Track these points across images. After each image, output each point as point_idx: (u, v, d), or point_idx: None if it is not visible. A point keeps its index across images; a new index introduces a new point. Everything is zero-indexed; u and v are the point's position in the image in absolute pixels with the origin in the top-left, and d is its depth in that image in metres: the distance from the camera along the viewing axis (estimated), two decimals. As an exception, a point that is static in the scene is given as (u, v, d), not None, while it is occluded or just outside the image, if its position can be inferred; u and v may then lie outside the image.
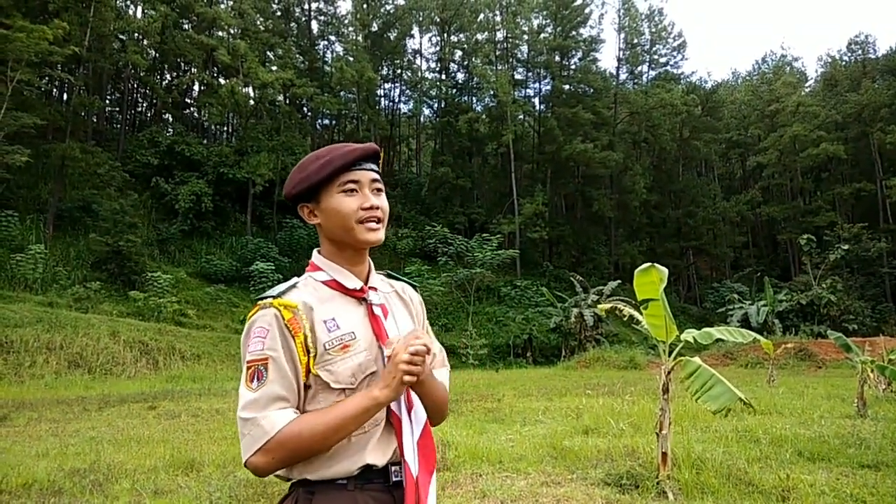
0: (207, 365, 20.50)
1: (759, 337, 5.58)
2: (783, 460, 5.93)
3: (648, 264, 4.88)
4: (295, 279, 1.45)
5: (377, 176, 1.47)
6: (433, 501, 1.37)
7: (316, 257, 1.51)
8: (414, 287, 1.66)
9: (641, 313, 5.34)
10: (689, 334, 5.30)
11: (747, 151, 57.74)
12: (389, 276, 1.63)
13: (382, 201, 1.45)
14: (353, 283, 1.45)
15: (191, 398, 12.97)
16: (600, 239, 48.59)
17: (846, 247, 34.42)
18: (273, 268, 31.62)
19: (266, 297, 1.36)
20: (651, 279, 4.83)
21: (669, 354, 5.29)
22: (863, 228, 39.65)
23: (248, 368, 1.31)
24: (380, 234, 1.44)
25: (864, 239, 39.26)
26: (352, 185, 1.42)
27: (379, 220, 1.44)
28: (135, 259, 27.15)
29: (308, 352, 1.33)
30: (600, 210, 45.03)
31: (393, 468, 1.38)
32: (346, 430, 1.30)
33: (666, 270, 4.80)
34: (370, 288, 1.48)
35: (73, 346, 17.63)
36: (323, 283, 1.44)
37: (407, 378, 1.30)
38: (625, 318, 6.41)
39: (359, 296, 1.45)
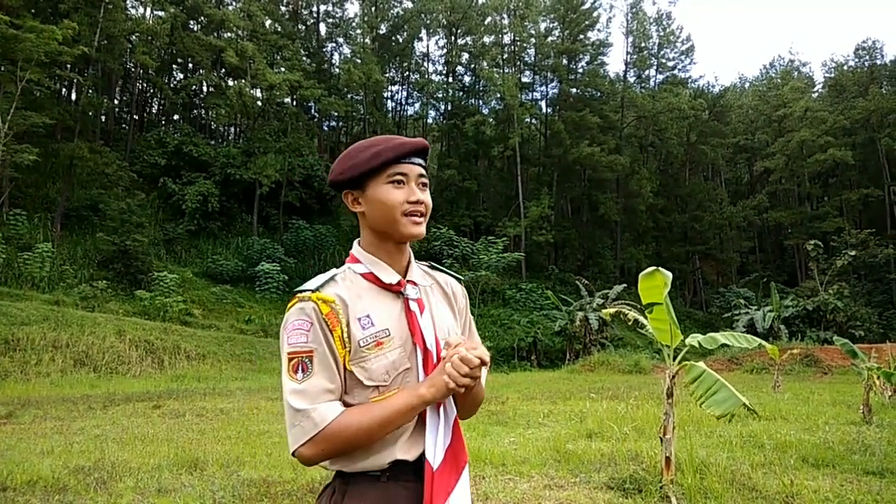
0: (212, 365, 20.54)
1: (764, 343, 5.57)
2: (787, 466, 5.91)
3: (653, 268, 4.87)
4: (333, 271, 1.46)
5: (424, 171, 1.48)
6: (464, 498, 1.37)
7: (356, 249, 1.51)
8: (459, 280, 1.66)
9: (646, 317, 5.33)
10: (694, 339, 5.29)
11: (754, 156, 57.57)
12: (433, 268, 1.63)
13: (427, 197, 1.47)
14: (390, 277, 1.45)
15: (195, 398, 13.00)
16: (606, 243, 48.48)
17: (853, 253, 34.22)
18: (279, 268, 31.71)
19: (305, 290, 1.38)
20: (656, 283, 4.83)
21: (674, 359, 5.28)
22: (870, 234, 39.45)
23: (291, 360, 1.33)
24: (422, 229, 1.45)
25: (872, 245, 39.05)
26: (400, 178, 1.43)
27: (422, 215, 1.45)
28: (141, 258, 27.27)
29: (344, 346, 1.34)
30: (606, 214, 44.95)
31: (426, 460, 1.39)
32: (392, 425, 1.32)
33: (670, 274, 4.79)
34: (409, 282, 1.48)
35: (79, 345, 17.69)
36: (361, 275, 1.45)
37: (452, 386, 1.31)
38: (629, 323, 6.41)
39: (396, 290, 1.45)
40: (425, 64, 53.26)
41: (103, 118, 37.61)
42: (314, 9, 48.84)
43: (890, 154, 45.05)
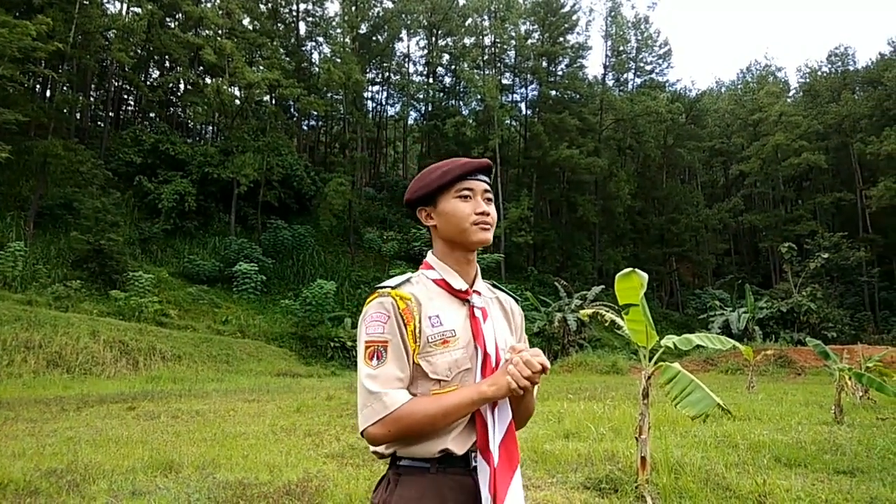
0: (188, 366, 20.31)
1: (738, 344, 5.64)
2: (760, 466, 6.00)
3: (629, 269, 4.91)
4: (409, 274, 1.61)
5: (488, 187, 1.64)
6: (519, 495, 1.45)
7: (430, 257, 1.67)
8: (516, 300, 1.79)
9: (623, 318, 5.38)
10: (670, 340, 5.34)
11: (730, 160, 58.37)
12: (495, 287, 1.77)
13: (492, 209, 1.62)
14: (459, 284, 1.60)
15: (171, 399, 12.86)
16: (584, 244, 48.79)
17: (826, 255, 34.80)
18: (256, 268, 31.41)
19: (384, 287, 1.54)
20: (632, 284, 4.87)
21: (650, 360, 5.33)
22: (843, 237, 40.16)
23: (368, 348, 1.48)
24: (490, 235, 1.60)
25: (844, 248, 39.75)
26: (467, 192, 1.59)
27: (489, 225, 1.60)
28: (116, 258, 26.85)
29: (415, 341, 1.48)
30: (585, 215, 45.23)
31: (472, 454, 1.51)
32: (453, 416, 1.45)
33: (646, 275, 4.83)
34: (474, 291, 1.62)
35: (52, 346, 17.39)
36: (433, 281, 1.60)
37: (514, 386, 1.42)
38: (607, 324, 6.46)
39: (463, 297, 1.59)
40: (406, 64, 53.25)
41: (78, 115, 37.01)
42: (293, 7, 48.51)
43: (862, 158, 45.90)
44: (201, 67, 41.26)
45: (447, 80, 52.91)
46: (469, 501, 1.47)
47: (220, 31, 39.28)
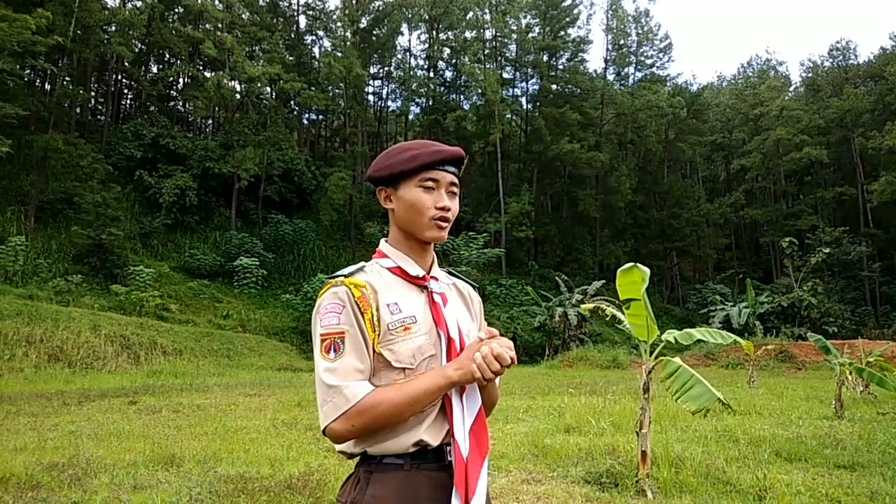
0: (189, 360, 20.34)
1: (739, 339, 5.64)
2: (761, 460, 6.01)
3: (631, 264, 4.90)
4: (362, 263, 1.53)
5: (456, 180, 1.55)
6: (484, 485, 1.42)
7: (383, 245, 1.59)
8: (474, 287, 1.75)
9: (624, 313, 5.37)
10: (671, 334, 5.34)
11: (731, 154, 58.18)
12: (451, 274, 1.72)
13: (454, 204, 1.54)
14: (415, 270, 1.53)
15: (172, 393, 12.88)
16: (585, 239, 48.78)
17: (827, 250, 34.76)
18: (257, 263, 31.44)
19: (337, 276, 1.46)
20: (633, 279, 4.86)
21: (651, 354, 5.33)
22: (844, 232, 40.10)
23: (324, 340, 1.39)
24: (444, 234, 1.53)
25: (845, 243, 39.70)
26: (431, 183, 1.50)
27: (447, 221, 1.52)
28: (117, 252, 26.89)
29: (374, 330, 1.41)
30: (586, 210, 45.20)
31: (448, 448, 1.45)
32: (420, 403, 1.38)
33: (648, 270, 4.83)
34: (432, 277, 1.56)
35: (54, 340, 17.41)
36: (388, 269, 1.52)
37: (478, 375, 1.36)
38: (608, 318, 6.46)
39: (420, 283, 1.53)
40: (407, 59, 53.11)
41: (78, 109, 36.99)
42: (293, 0, 48.42)
43: (863, 153, 45.79)
44: (201, 61, 41.18)
45: (448, 74, 52.73)
46: (444, 498, 1.40)
47: (220, 25, 39.20)
